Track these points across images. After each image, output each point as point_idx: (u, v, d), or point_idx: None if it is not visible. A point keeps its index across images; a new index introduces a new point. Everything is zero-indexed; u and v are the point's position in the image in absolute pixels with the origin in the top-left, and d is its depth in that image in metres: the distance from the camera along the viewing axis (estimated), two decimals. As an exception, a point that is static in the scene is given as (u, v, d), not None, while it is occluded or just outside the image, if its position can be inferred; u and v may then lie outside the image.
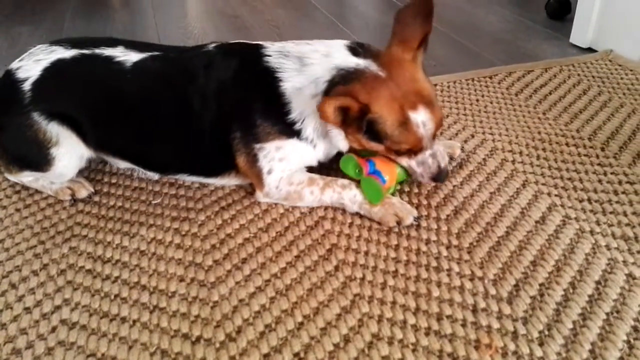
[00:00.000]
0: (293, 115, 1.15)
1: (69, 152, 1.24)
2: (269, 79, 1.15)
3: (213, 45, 1.26)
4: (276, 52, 1.18)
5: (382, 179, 1.16)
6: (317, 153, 1.22)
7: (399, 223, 1.14)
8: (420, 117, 1.07)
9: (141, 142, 1.27)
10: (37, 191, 1.32)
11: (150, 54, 1.24)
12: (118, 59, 1.21)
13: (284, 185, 1.19)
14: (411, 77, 1.09)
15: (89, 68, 1.23)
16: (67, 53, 1.24)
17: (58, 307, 0.99)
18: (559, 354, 0.86)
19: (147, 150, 1.29)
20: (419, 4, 1.11)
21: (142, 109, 1.23)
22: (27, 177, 1.31)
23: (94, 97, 1.23)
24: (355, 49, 1.14)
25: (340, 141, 1.18)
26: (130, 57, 1.22)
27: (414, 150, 1.13)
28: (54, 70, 1.22)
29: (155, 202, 1.27)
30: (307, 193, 1.19)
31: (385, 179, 1.16)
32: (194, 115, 1.19)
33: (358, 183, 1.19)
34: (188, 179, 1.32)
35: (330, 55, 1.14)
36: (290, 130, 1.16)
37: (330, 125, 1.13)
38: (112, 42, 1.26)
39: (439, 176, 1.17)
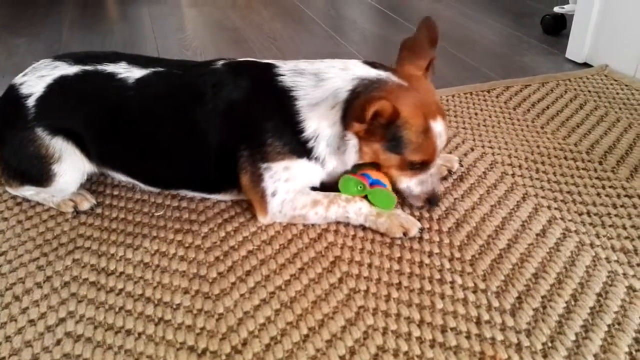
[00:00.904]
0: (306, 134, 1.15)
1: (71, 167, 1.25)
2: (283, 99, 1.15)
3: (221, 62, 1.24)
4: (290, 71, 1.18)
5: (384, 185, 1.18)
6: (323, 173, 1.22)
7: (405, 234, 1.15)
8: (438, 128, 1.10)
9: (143, 159, 1.27)
10: (38, 203, 1.32)
11: (153, 70, 1.23)
12: (120, 76, 1.21)
13: (288, 210, 1.19)
14: (429, 88, 1.14)
15: (92, 85, 1.23)
16: (70, 69, 1.24)
17: (62, 320, 0.99)
18: (562, 366, 0.87)
19: (149, 167, 1.29)
20: (426, 32, 1.18)
21: (145, 126, 1.23)
22: (28, 191, 1.30)
23: (97, 115, 1.23)
24: (373, 63, 1.17)
25: (353, 154, 1.17)
26: (132, 73, 1.22)
27: (425, 164, 1.15)
28: (58, 87, 1.22)
29: (158, 214, 1.27)
30: (311, 214, 1.19)
31: (386, 184, 1.19)
32: (200, 134, 1.18)
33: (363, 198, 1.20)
34: (190, 194, 1.32)
35: (348, 69, 1.16)
36: (301, 150, 1.16)
37: (349, 134, 1.13)
38: (115, 58, 1.26)
39: (434, 199, 1.19)
